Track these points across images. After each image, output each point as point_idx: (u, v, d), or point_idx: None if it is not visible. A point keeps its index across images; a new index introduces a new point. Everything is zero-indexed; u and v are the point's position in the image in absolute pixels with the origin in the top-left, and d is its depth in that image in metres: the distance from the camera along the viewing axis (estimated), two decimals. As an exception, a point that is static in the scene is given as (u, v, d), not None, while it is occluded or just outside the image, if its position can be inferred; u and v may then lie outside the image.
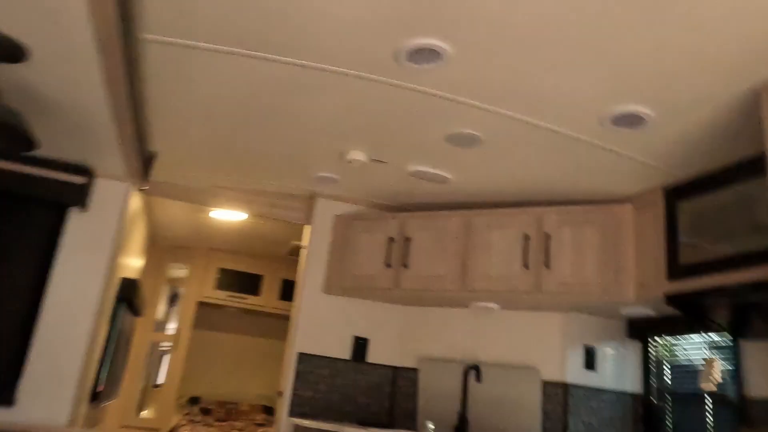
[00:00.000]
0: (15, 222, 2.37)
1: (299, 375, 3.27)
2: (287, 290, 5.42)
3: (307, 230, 3.59)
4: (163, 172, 3.31)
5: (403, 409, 3.38)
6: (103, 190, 2.52)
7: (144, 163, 2.64)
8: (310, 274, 3.46)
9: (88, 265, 2.44)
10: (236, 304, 5.25)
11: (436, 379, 3.29)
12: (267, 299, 5.34)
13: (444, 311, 3.45)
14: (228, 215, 4.09)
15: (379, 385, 3.42)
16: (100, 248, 2.46)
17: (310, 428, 3.04)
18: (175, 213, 4.19)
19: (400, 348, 3.50)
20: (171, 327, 7.05)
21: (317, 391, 3.29)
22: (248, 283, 5.33)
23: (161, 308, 5.42)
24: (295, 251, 5.02)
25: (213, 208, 3.58)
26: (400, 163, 2.96)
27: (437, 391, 3.26)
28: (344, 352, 3.40)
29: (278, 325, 5.76)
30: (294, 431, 3.17)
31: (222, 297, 5.22)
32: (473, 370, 3.06)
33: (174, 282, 5.95)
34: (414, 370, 3.40)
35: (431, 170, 2.99)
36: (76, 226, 2.46)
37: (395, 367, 3.47)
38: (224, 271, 5.30)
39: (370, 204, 3.63)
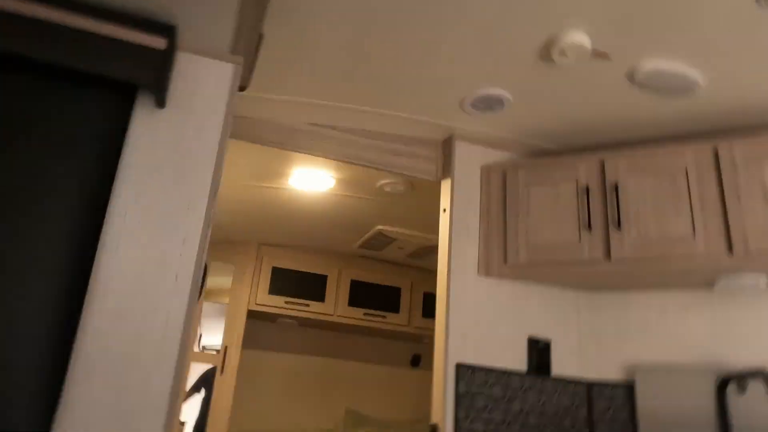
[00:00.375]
0: (43, 119, 1.26)
1: (461, 398, 2.15)
2: (358, 295, 4.30)
3: (444, 188, 2.50)
4: (244, 95, 2.22)
5: (609, 444, 2.25)
6: (193, 72, 1.41)
7: (255, 46, 1.55)
8: (458, 249, 2.36)
9: (171, 209, 1.31)
10: (296, 312, 4.10)
11: (665, 396, 2.18)
12: (334, 306, 4.20)
13: (665, 297, 2.35)
14: (312, 182, 2.99)
15: (570, 409, 2.30)
16: (189, 175, 1.35)
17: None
18: (236, 178, 3.07)
19: (595, 353, 2.39)
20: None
21: (489, 423, 2.16)
22: (310, 286, 4.19)
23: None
24: (375, 240, 3.92)
25: (304, 153, 2.45)
26: (630, 57, 1.90)
27: (669, 415, 2.15)
28: (517, 360, 2.29)
29: (346, 340, 4.62)
30: (463, 487, 2.03)
31: (278, 304, 4.06)
32: (759, 379, 1.97)
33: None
34: (620, 386, 2.29)
35: (680, 68, 1.93)
36: (147, 132, 1.34)
37: (590, 383, 2.35)
38: (279, 272, 4.16)
39: (529, 150, 2.56)
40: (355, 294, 4.28)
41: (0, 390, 1.09)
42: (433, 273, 4.63)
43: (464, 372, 2.18)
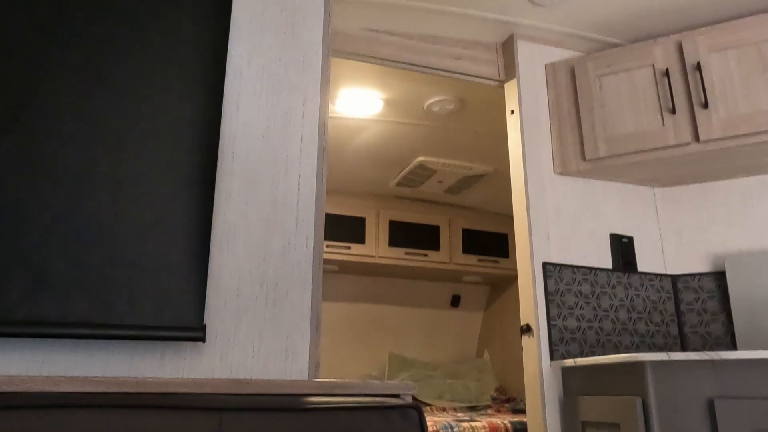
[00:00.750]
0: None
1: (551, 296, 2.09)
2: (397, 235, 4.23)
3: (509, 90, 2.40)
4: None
5: (700, 335, 2.21)
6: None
7: None
8: (531, 149, 2.27)
9: (286, 68, 1.18)
10: (338, 256, 4.03)
11: (758, 281, 2.12)
12: (375, 247, 4.13)
13: (746, 184, 2.28)
14: (359, 106, 2.88)
15: (658, 303, 2.25)
16: (299, 33, 1.24)
17: (587, 366, 1.87)
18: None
19: (678, 247, 2.33)
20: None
21: (581, 319, 2.11)
22: (349, 229, 4.12)
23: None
24: (414, 175, 3.83)
25: (362, 61, 2.36)
26: None
27: (763, 299, 2.10)
28: (602, 258, 2.23)
29: (385, 285, 4.57)
30: (561, 376, 1.99)
31: (320, 248, 3.99)
32: None
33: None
34: (707, 276, 2.24)
35: (773, -77, 1.82)
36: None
37: (675, 276, 2.30)
38: (317, 216, 4.07)
39: (592, 47, 2.45)
40: (394, 234, 4.21)
41: (157, 252, 1.01)
42: (469, 209, 4.59)
43: (551, 270, 2.12)
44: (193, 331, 0.98)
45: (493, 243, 4.51)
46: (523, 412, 3.55)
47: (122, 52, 1.10)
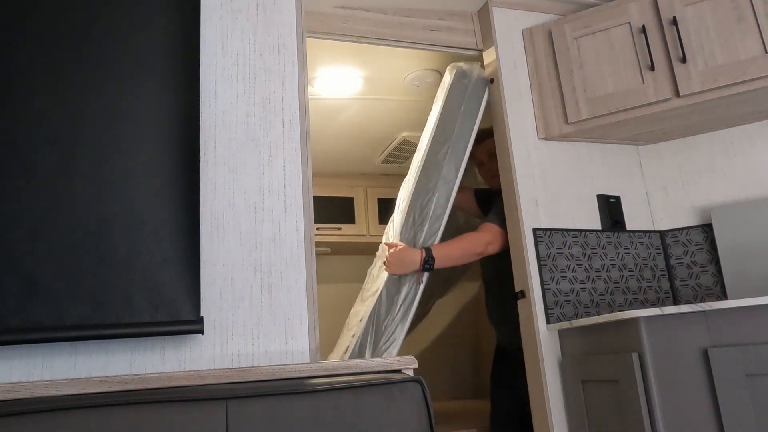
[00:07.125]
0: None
1: (543, 261, 2.11)
2: (387, 212, 4.23)
3: (488, 58, 2.39)
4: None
5: (691, 287, 2.24)
6: None
7: None
8: (513, 116, 2.27)
9: (261, 51, 1.17)
10: (329, 238, 4.03)
11: (744, 230, 2.15)
12: (366, 226, 4.14)
13: (728, 135, 2.30)
14: (338, 85, 2.85)
15: (648, 259, 2.27)
16: (271, 14, 1.22)
17: (582, 327, 1.90)
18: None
19: (664, 203, 2.36)
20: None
21: (574, 281, 2.13)
22: (338, 210, 4.11)
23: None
24: (399, 151, 3.82)
25: (337, 40, 2.33)
26: None
27: (750, 248, 2.13)
28: (591, 219, 2.25)
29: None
30: (559, 338, 2.02)
31: (310, 231, 3.98)
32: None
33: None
34: (694, 229, 2.27)
35: None
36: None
37: (663, 231, 2.32)
38: (305, 200, 4.06)
39: (568, 9, 2.44)
40: (384, 212, 4.21)
41: (147, 249, 1.00)
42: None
43: (541, 236, 2.13)
44: (191, 324, 0.98)
45: (482, 213, 4.53)
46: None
47: (93, 50, 1.08)
